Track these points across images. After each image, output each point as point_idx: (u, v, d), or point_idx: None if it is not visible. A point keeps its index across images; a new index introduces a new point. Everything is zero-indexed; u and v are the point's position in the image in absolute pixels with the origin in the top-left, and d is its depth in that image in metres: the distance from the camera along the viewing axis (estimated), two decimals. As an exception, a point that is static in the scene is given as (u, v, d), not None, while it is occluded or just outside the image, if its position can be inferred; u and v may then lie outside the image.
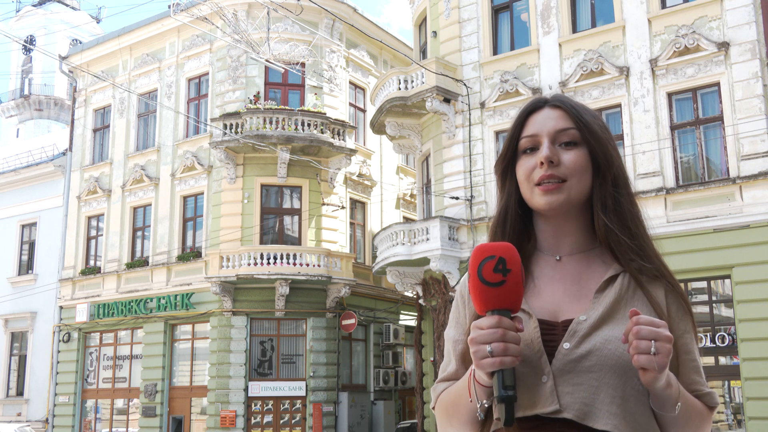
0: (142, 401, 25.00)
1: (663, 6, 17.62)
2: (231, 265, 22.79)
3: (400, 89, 20.31)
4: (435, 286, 19.96)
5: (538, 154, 1.66)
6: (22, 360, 29.86)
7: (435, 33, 21.34)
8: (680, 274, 14.74)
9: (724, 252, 15.74)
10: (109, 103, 29.08)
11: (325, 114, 24.33)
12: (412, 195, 28.10)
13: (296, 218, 24.72)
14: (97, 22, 50.65)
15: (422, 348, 21.70)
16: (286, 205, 24.90)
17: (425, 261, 19.26)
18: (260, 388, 23.11)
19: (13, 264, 30.63)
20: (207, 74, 26.28)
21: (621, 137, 17.27)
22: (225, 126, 23.69)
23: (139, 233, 27.17)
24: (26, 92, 48.17)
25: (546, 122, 1.69)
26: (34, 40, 46.85)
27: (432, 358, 20.94)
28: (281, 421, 23.24)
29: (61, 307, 28.29)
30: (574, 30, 18.91)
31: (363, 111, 27.65)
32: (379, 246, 21.10)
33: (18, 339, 30.23)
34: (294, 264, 22.81)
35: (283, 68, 20.95)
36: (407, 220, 26.18)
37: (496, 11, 20.48)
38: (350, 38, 26.92)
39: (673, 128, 17.08)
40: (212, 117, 24.93)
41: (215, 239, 24.16)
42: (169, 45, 27.49)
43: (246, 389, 23.05)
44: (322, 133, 23.82)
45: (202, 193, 25.36)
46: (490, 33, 20.23)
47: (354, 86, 27.46)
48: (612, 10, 18.39)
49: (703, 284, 16.51)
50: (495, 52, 20.12)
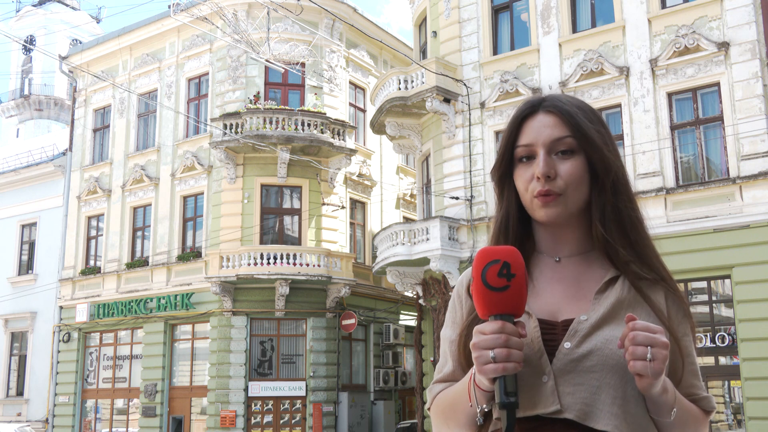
0: (142, 401, 24.99)
1: (663, 6, 17.62)
2: (231, 265, 22.79)
3: (400, 89, 20.31)
4: (435, 286, 19.96)
5: (535, 166, 1.65)
6: (22, 360, 29.85)
7: (435, 33, 21.33)
8: (680, 274, 14.78)
9: (724, 252, 15.73)
10: (109, 103, 29.07)
11: (325, 114, 24.32)
12: (412, 195, 28.08)
13: (296, 218, 24.71)
14: (97, 22, 50.65)
15: (422, 348, 21.70)
16: (286, 205, 24.89)
17: (425, 261, 19.25)
18: (260, 388, 23.11)
19: (13, 264, 30.63)
20: (207, 74, 26.28)
21: (621, 137, 17.27)
22: (225, 126, 23.69)
23: (139, 233, 27.17)
24: (26, 92, 48.16)
25: (541, 131, 1.66)
26: (34, 40, 46.84)
27: (432, 358, 20.93)
28: (281, 421, 23.24)
29: (61, 307, 28.28)
30: (574, 30, 18.90)
31: (363, 111, 27.64)
32: (379, 246, 21.10)
33: (18, 339, 30.23)
34: (294, 264, 22.81)
35: (283, 68, 20.95)
36: (407, 220, 26.17)
37: (496, 11, 20.47)
38: (350, 38, 26.91)
39: (673, 128, 17.08)
40: (212, 117, 24.92)
41: (215, 239, 24.16)
42: (169, 45, 27.49)
43: (246, 389, 23.05)
44: (322, 133, 23.81)
45: (202, 193, 25.36)
46: (490, 33, 20.22)
47: (354, 86, 27.45)
48: (612, 10, 18.39)
49: (703, 284, 16.51)
50: (495, 52, 20.11)
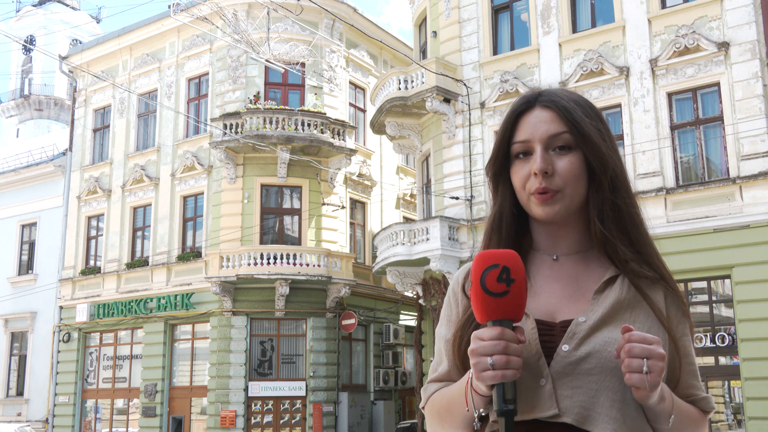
0: (142, 401, 24.99)
1: (663, 6, 17.61)
2: (231, 265, 22.78)
3: (400, 89, 20.30)
4: (435, 286, 19.95)
5: (532, 163, 1.61)
6: (22, 360, 29.85)
7: (435, 33, 21.32)
8: (680, 274, 14.77)
9: (724, 252, 15.73)
10: (109, 103, 29.06)
11: (325, 114, 24.31)
12: (412, 195, 28.08)
13: (296, 218, 24.70)
14: (97, 22, 50.64)
15: (422, 348, 21.70)
16: (286, 205, 24.88)
17: (425, 261, 19.24)
18: (260, 388, 23.10)
19: (13, 264, 30.63)
20: (207, 74, 26.27)
21: (621, 137, 17.25)
22: (225, 126, 23.68)
23: (139, 233, 27.16)
24: (26, 92, 48.16)
25: (538, 127, 1.63)
26: (34, 40, 46.83)
27: (432, 358, 20.91)
28: (281, 421, 23.23)
29: (61, 307, 28.27)
30: (574, 30, 18.89)
31: (363, 111, 27.63)
32: (379, 246, 21.09)
33: (18, 339, 30.23)
34: (294, 264, 22.80)
35: (283, 68, 20.94)
36: (407, 220, 26.15)
37: (496, 11, 20.46)
38: (350, 38, 26.90)
39: (673, 128, 17.07)
40: (212, 117, 24.92)
41: (215, 239, 24.15)
42: (169, 45, 27.48)
43: (246, 389, 23.04)
44: (322, 133, 23.81)
45: (202, 193, 25.35)
46: (490, 33, 20.21)
47: (354, 86, 27.44)
48: (612, 10, 18.38)
49: (703, 284, 16.51)
50: (495, 52, 20.10)
